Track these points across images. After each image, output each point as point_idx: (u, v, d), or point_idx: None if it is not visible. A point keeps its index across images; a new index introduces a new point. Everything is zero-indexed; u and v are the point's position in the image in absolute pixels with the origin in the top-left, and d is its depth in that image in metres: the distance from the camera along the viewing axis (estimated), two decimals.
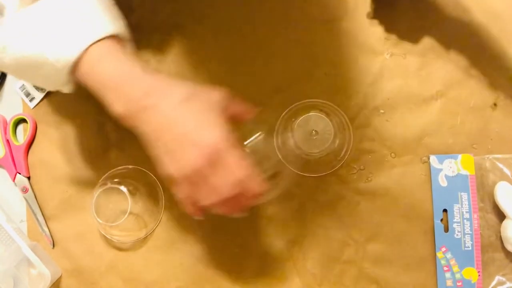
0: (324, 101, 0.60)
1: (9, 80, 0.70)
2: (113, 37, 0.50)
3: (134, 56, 0.50)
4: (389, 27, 0.64)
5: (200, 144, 0.44)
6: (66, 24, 0.49)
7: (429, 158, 0.61)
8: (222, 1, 0.67)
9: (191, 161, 0.44)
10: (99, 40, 0.48)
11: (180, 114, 0.45)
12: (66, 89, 0.53)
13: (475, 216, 0.59)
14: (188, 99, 0.46)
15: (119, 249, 0.64)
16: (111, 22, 0.50)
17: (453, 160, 0.60)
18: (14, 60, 0.50)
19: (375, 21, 0.65)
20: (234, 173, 0.45)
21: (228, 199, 0.46)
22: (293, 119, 0.63)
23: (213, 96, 0.48)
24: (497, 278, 0.58)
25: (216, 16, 0.67)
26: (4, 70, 0.55)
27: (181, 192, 0.48)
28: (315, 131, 0.63)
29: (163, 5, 0.68)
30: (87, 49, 0.48)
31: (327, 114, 0.60)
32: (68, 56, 0.48)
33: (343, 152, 0.62)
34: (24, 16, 0.49)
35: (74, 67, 0.48)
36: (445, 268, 0.59)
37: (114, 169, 0.65)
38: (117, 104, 0.47)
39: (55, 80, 0.51)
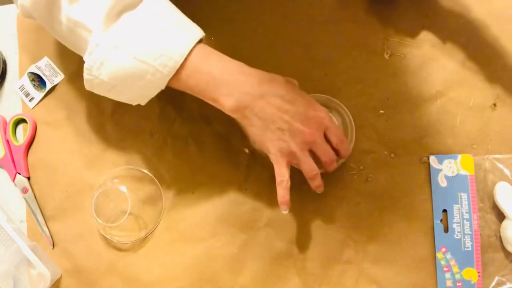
0: (329, 97, 0.60)
1: (9, 80, 0.70)
2: (201, 40, 0.53)
3: None
4: (389, 27, 0.64)
5: (316, 118, 0.53)
6: (164, 31, 0.50)
7: (428, 158, 0.61)
8: (222, 1, 0.67)
9: (313, 130, 0.52)
10: (197, 43, 0.51)
11: (291, 97, 0.52)
12: (145, 101, 0.55)
13: (475, 216, 0.59)
14: (287, 86, 0.53)
15: (119, 249, 0.64)
16: (197, 27, 0.53)
17: (452, 160, 0.60)
18: (112, 74, 0.51)
19: (375, 21, 0.65)
20: (339, 136, 0.55)
21: (332, 157, 0.55)
22: None
23: (294, 81, 0.56)
24: (497, 278, 0.58)
25: (215, 16, 0.67)
26: (96, 89, 0.54)
27: (305, 163, 0.54)
28: None
29: None
30: (191, 51, 0.50)
31: (330, 110, 0.60)
32: (176, 59, 0.50)
33: None
34: (118, 31, 0.50)
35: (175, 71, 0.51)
36: (445, 269, 0.59)
37: (114, 169, 0.65)
38: (229, 97, 0.51)
39: (150, 90, 0.53)
